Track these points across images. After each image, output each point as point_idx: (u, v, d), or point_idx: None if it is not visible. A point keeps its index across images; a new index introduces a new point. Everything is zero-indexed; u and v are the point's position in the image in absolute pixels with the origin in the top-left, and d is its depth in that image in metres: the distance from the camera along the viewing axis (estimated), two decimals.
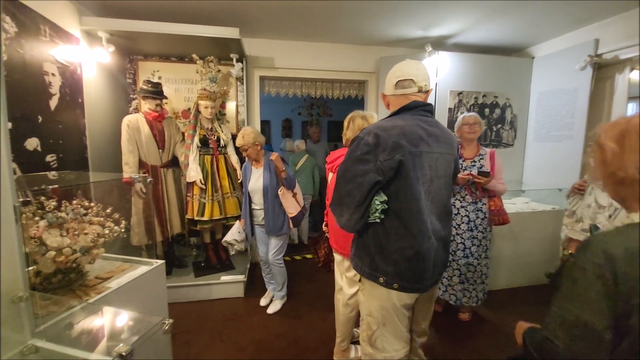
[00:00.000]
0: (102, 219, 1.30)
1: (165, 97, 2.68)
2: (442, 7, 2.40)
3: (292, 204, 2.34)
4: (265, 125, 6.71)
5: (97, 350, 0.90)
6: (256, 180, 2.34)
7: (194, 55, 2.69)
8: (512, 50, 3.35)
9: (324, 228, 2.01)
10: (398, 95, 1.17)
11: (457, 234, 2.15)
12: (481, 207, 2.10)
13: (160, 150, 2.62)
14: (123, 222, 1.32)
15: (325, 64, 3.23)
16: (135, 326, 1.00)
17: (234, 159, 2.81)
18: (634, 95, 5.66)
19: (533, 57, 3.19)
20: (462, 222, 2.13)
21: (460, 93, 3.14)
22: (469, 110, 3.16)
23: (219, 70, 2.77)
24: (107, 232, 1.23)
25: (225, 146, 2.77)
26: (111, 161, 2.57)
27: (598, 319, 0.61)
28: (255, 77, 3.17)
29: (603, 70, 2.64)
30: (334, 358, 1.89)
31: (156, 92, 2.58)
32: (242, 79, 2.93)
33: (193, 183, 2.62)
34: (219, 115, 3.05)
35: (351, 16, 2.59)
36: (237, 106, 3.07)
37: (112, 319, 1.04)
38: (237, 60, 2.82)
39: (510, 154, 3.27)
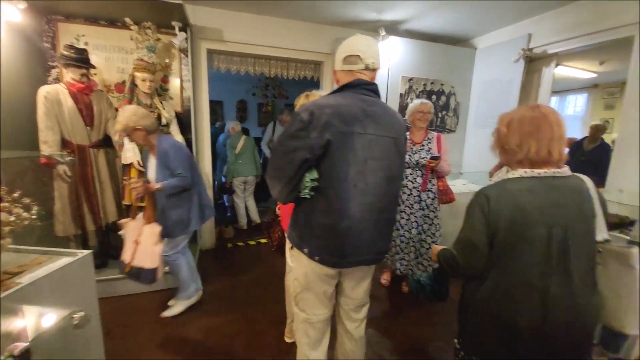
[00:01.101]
0: (7, 204, 1.09)
1: (93, 66, 2.34)
2: None
3: (148, 252, 1.77)
4: (217, 105, 6.30)
5: None
6: (150, 171, 1.98)
7: (127, 20, 2.36)
8: (458, 40, 3.53)
9: (277, 211, 1.97)
10: (345, 71, 1.14)
11: (411, 213, 2.27)
12: (431, 188, 2.24)
13: (88, 128, 2.30)
14: (35, 207, 1.13)
15: (279, 41, 3.08)
16: (39, 323, 0.87)
17: (178, 139, 2.58)
18: (561, 89, 6.40)
19: (476, 48, 3.40)
20: (415, 202, 2.25)
21: (411, 79, 3.24)
22: (418, 97, 3.28)
23: (158, 39, 2.48)
24: (13, 219, 1.04)
25: (167, 125, 2.53)
26: (27, 139, 2.18)
27: (478, 237, 0.92)
28: (202, 50, 2.91)
29: (533, 64, 2.91)
30: (285, 338, 1.90)
31: (80, 59, 2.24)
32: (187, 51, 2.67)
33: (130, 165, 2.36)
34: (161, 90, 2.77)
35: None
36: (181, 81, 2.81)
37: (11, 316, 0.90)
38: (181, 29, 2.54)
39: (453, 139, 3.50)
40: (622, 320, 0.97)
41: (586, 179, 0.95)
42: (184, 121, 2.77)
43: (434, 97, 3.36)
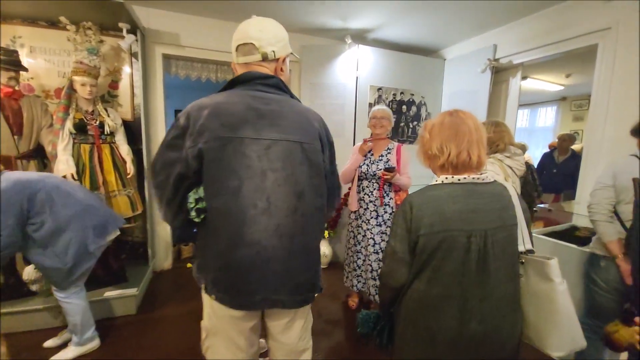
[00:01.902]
0: None
1: (24, 69, 2.12)
2: None
3: None
4: None
5: None
6: None
7: (62, 18, 2.16)
8: (427, 51, 3.50)
9: None
10: (241, 64, 0.94)
11: (368, 229, 2.11)
12: (388, 202, 2.09)
13: (15, 137, 2.04)
14: None
15: None
16: None
17: (124, 149, 2.36)
18: (531, 102, 6.54)
19: (445, 59, 3.37)
20: (371, 217, 2.09)
21: (380, 89, 3.16)
22: (388, 106, 3.19)
23: (101, 41, 2.28)
24: None
25: (112, 134, 2.30)
26: None
27: (400, 245, 0.88)
28: (157, 55, 2.72)
29: (500, 74, 2.88)
30: None
31: (9, 61, 2.01)
32: (138, 55, 2.47)
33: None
34: (108, 96, 2.55)
35: None
36: (132, 87, 2.60)
37: None
38: (129, 32, 2.36)
39: None
40: (545, 340, 0.89)
41: (508, 187, 0.93)
42: (134, 130, 2.55)
43: (404, 107, 3.28)
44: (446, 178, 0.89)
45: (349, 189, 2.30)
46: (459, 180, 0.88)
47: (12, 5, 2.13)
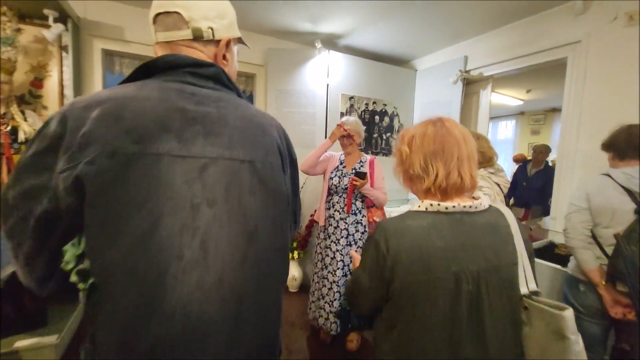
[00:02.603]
0: None
1: None
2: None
3: None
4: None
5: None
6: None
7: None
8: (399, 61, 3.43)
9: None
10: (162, 43, 0.64)
11: (337, 250, 1.88)
12: (361, 220, 1.88)
13: None
14: None
15: None
16: None
17: None
18: (493, 115, 6.83)
19: (416, 70, 3.31)
20: (342, 237, 1.87)
21: (351, 97, 2.99)
22: (360, 116, 3.03)
23: (18, 29, 1.86)
24: None
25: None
26: None
27: (366, 279, 0.75)
28: (95, 50, 2.33)
29: (471, 86, 2.85)
30: None
31: None
32: (68, 49, 2.07)
33: None
34: (30, 97, 2.10)
35: None
36: (61, 86, 2.17)
37: None
38: (57, 20, 1.96)
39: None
40: None
41: (507, 213, 0.76)
42: None
43: (377, 117, 3.15)
44: (431, 205, 0.72)
45: (320, 203, 2.07)
46: (446, 209, 0.71)
47: None
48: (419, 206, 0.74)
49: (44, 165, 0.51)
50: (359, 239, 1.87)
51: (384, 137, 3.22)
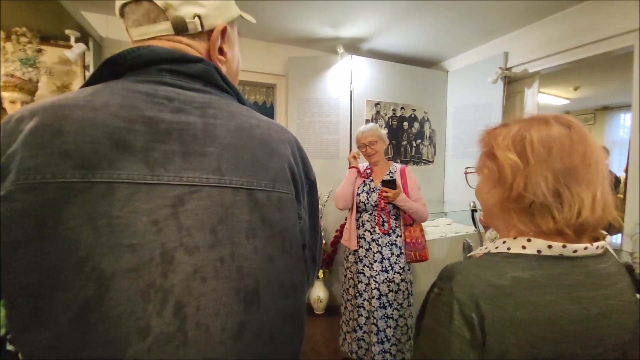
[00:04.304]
0: None
1: None
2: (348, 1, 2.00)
3: None
4: None
5: None
6: None
7: None
8: (428, 63, 3.19)
9: None
10: (137, 42, 0.48)
11: (371, 276, 1.65)
12: (395, 241, 1.65)
13: None
14: None
15: None
16: None
17: None
18: None
19: (447, 71, 3.05)
20: (375, 261, 1.64)
21: (377, 103, 2.79)
22: (387, 123, 2.82)
23: (39, 50, 1.89)
24: None
25: None
26: None
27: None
28: None
29: (513, 85, 2.55)
30: None
31: None
32: (90, 68, 2.08)
33: None
34: None
35: (253, 4, 2.03)
36: None
37: None
38: (78, 40, 1.98)
39: (431, 171, 3.03)
40: None
41: (615, 257, 0.53)
42: None
43: (405, 123, 2.92)
44: (549, 247, 0.46)
45: (346, 219, 1.87)
46: (574, 252, 0.46)
47: None
48: (524, 247, 0.48)
49: None
50: (395, 263, 1.64)
51: (414, 144, 2.97)
